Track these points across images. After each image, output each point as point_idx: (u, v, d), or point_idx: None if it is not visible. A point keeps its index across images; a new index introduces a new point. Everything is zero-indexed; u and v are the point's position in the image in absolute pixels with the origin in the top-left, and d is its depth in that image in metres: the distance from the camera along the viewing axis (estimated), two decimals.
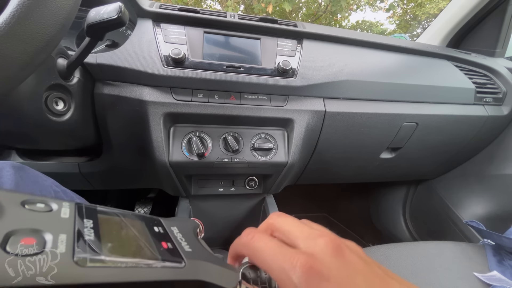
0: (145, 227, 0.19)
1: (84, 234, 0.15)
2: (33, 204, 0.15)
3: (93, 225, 0.16)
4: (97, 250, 0.14)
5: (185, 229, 0.21)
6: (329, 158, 0.71)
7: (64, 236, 0.14)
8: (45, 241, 0.13)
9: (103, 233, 0.16)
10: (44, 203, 0.15)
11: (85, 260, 0.13)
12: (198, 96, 0.53)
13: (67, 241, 0.14)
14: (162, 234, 0.19)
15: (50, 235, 0.13)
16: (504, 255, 0.55)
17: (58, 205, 0.16)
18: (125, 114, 0.52)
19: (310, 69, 0.58)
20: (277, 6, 4.58)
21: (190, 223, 0.23)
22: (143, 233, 0.18)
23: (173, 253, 0.18)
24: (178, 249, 0.18)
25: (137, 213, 0.20)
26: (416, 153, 0.79)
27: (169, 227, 0.21)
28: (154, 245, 0.17)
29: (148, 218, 0.20)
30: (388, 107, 0.65)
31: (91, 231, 0.15)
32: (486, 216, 0.85)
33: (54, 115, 0.42)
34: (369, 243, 1.24)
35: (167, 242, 0.18)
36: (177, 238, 0.20)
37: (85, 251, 0.14)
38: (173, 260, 0.17)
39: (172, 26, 0.54)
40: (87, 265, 0.13)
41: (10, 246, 0.12)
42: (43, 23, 0.28)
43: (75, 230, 0.15)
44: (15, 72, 0.28)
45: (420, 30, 6.45)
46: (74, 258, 0.13)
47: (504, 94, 0.77)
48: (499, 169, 0.83)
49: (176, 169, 0.55)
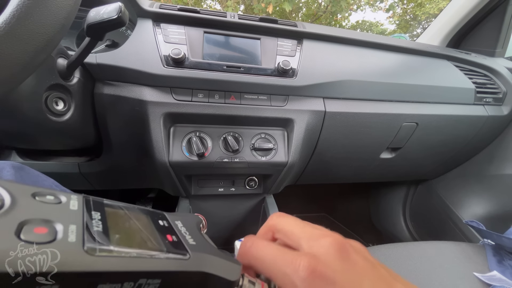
0: (150, 221, 0.19)
1: (93, 226, 0.15)
2: (43, 196, 0.15)
3: (101, 217, 0.17)
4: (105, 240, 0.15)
5: (189, 223, 0.22)
6: (329, 158, 0.71)
7: (74, 226, 0.14)
8: (56, 231, 0.14)
9: (110, 225, 0.16)
10: (54, 195, 0.16)
11: (94, 249, 0.14)
12: (198, 96, 0.53)
13: (77, 232, 0.14)
14: (167, 227, 0.20)
15: (61, 225, 0.14)
16: (504, 255, 0.55)
17: (67, 197, 0.16)
18: (125, 114, 0.52)
19: (310, 69, 0.58)
20: (277, 6, 4.59)
21: (194, 218, 0.23)
22: (148, 226, 0.18)
23: (178, 245, 0.18)
24: (182, 242, 0.18)
25: (142, 207, 0.21)
26: (416, 153, 0.79)
27: (173, 221, 0.21)
28: (159, 237, 0.18)
29: (153, 212, 0.21)
30: (388, 107, 0.65)
31: (99, 223, 0.16)
32: (486, 216, 0.85)
33: (54, 115, 0.42)
34: (369, 243, 1.24)
35: (172, 235, 0.19)
36: (181, 232, 0.20)
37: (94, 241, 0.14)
38: (177, 252, 0.17)
39: (172, 26, 0.54)
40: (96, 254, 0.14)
41: (24, 234, 0.13)
42: (43, 23, 0.28)
43: (84, 221, 0.15)
44: (15, 72, 0.28)
45: (420, 30, 6.45)
46: (84, 248, 0.13)
47: (504, 94, 0.77)
48: (499, 169, 0.83)
49: (176, 169, 0.55)
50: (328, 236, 0.18)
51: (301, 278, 0.15)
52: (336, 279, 0.15)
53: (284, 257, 0.17)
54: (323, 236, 0.18)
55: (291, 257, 0.16)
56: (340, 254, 0.17)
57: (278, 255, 0.17)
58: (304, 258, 0.16)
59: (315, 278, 0.15)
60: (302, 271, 0.15)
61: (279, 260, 0.17)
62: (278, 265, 0.17)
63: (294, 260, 0.16)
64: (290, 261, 0.16)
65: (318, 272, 0.15)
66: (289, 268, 0.16)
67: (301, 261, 0.16)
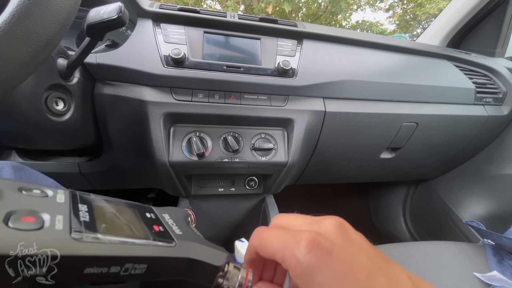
0: (137, 213, 0.20)
1: (80, 216, 0.16)
2: (29, 190, 0.16)
3: (88, 209, 0.17)
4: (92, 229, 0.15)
5: (177, 216, 0.22)
6: (329, 158, 0.71)
7: (61, 216, 0.15)
8: (43, 220, 0.14)
9: (97, 216, 0.17)
10: (40, 189, 0.16)
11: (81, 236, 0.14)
12: (198, 96, 0.53)
13: (64, 221, 0.14)
14: (154, 219, 0.20)
15: (48, 215, 0.14)
16: (504, 255, 0.55)
17: (54, 191, 0.17)
18: (125, 114, 0.52)
19: (310, 69, 0.58)
20: (277, 6, 4.58)
21: (182, 211, 0.24)
22: (135, 218, 0.19)
23: (164, 235, 0.18)
24: (169, 231, 0.19)
25: (130, 202, 0.21)
26: (416, 153, 0.79)
27: (160, 214, 0.21)
28: (146, 227, 0.18)
29: (140, 206, 0.21)
30: (388, 107, 0.65)
31: (86, 214, 0.16)
32: (486, 216, 0.85)
33: (54, 115, 0.42)
34: None
35: (159, 226, 0.19)
36: (168, 223, 0.20)
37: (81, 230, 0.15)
38: (163, 240, 0.18)
39: (172, 26, 0.54)
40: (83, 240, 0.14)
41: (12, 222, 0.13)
42: (43, 23, 0.28)
43: (70, 212, 0.16)
44: (15, 72, 0.28)
45: (420, 30, 6.45)
46: (72, 235, 0.14)
47: (504, 94, 0.77)
48: (499, 169, 0.83)
49: (176, 169, 0.55)
50: (328, 217, 0.19)
51: (301, 249, 0.16)
52: (333, 251, 0.16)
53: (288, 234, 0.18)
54: (323, 218, 0.19)
55: (294, 233, 0.18)
56: (340, 231, 0.18)
57: (282, 233, 0.18)
58: (305, 232, 0.17)
59: (314, 248, 0.16)
60: (303, 243, 0.16)
61: (283, 236, 0.18)
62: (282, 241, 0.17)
63: (297, 234, 0.17)
64: (293, 235, 0.17)
65: (317, 242, 0.16)
66: (291, 241, 0.17)
67: (303, 234, 0.17)
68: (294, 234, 0.17)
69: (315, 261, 0.15)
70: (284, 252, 0.17)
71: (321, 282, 0.15)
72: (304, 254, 0.16)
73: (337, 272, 0.15)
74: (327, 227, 0.18)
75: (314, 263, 0.15)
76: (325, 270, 0.15)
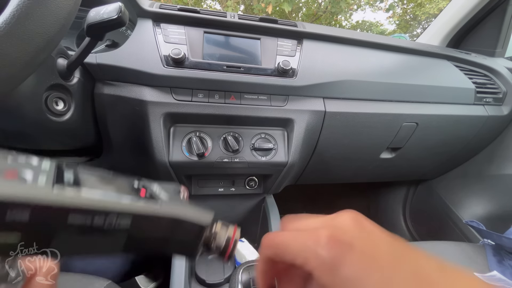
0: (124, 182, 0.20)
1: (64, 178, 0.16)
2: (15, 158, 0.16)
3: (73, 174, 0.17)
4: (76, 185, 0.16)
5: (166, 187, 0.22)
6: (329, 158, 0.71)
7: (44, 176, 0.15)
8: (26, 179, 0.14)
9: (83, 181, 0.17)
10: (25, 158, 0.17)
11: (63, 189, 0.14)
12: (198, 96, 0.53)
13: (47, 179, 0.15)
14: (142, 187, 0.21)
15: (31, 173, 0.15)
16: (504, 255, 0.55)
17: (39, 160, 0.17)
18: (125, 114, 0.52)
19: (310, 69, 0.58)
20: (277, 6, 4.58)
21: (172, 185, 0.24)
22: (122, 186, 0.19)
23: (150, 197, 0.19)
24: (155, 196, 0.19)
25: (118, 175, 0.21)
26: (416, 153, 0.79)
27: (149, 184, 0.22)
28: (134, 192, 0.19)
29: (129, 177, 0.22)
30: (388, 107, 0.65)
31: (71, 177, 0.17)
32: (486, 216, 0.85)
33: (54, 115, 0.42)
34: None
35: (146, 192, 0.20)
36: (156, 192, 0.21)
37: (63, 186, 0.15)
38: (149, 201, 0.18)
39: (172, 26, 0.54)
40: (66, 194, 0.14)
41: None
42: (43, 23, 0.28)
43: (55, 174, 0.16)
44: (15, 72, 0.28)
45: (420, 30, 6.45)
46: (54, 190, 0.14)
47: (504, 94, 0.77)
48: (499, 169, 0.83)
49: (176, 169, 0.55)
50: (342, 212, 0.18)
51: (322, 246, 0.16)
52: (354, 243, 0.16)
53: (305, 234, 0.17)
54: (337, 215, 0.18)
55: (311, 231, 0.17)
56: (356, 223, 0.17)
57: (299, 235, 0.18)
58: (323, 229, 0.17)
59: (336, 243, 0.16)
60: (323, 240, 0.16)
61: (300, 238, 0.17)
62: (300, 242, 0.17)
63: (315, 233, 0.17)
64: (311, 235, 0.17)
65: (337, 237, 0.16)
66: (310, 241, 0.17)
67: (322, 232, 0.16)
68: (311, 233, 0.17)
69: (339, 256, 0.15)
70: (306, 253, 0.16)
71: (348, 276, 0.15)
72: (327, 251, 0.16)
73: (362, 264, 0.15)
74: (343, 221, 0.18)
75: (338, 258, 0.15)
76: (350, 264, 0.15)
